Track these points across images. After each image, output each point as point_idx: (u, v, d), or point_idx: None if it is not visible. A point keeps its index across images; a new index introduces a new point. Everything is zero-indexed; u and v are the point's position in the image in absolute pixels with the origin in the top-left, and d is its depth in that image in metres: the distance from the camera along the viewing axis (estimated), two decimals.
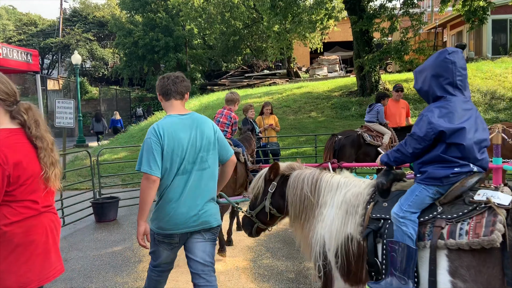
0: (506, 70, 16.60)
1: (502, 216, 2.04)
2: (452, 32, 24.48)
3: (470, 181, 2.26)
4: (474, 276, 2.04)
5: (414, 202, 2.30)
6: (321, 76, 25.84)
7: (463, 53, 2.45)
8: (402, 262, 2.25)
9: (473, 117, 2.32)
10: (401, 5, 14.87)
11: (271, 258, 4.91)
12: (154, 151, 2.73)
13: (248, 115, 8.37)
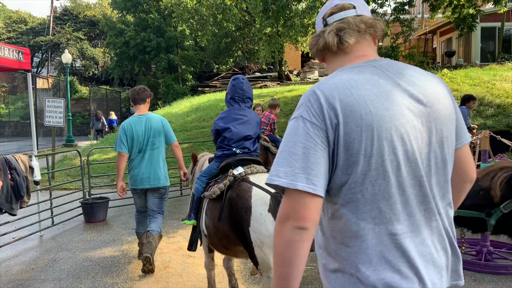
0: (494, 77, 16.87)
1: (227, 180, 3.16)
2: (442, 39, 24.83)
3: (233, 159, 3.37)
4: (210, 213, 3.30)
5: (206, 171, 3.61)
6: (312, 79, 25.98)
7: (245, 80, 3.68)
8: (192, 205, 3.64)
9: (243, 120, 3.52)
10: (392, 11, 15.02)
11: None
12: (122, 138, 4.70)
13: None
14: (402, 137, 1.18)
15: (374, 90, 1.20)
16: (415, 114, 1.21)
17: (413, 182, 1.20)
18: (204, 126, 15.45)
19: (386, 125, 1.16)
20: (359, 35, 1.36)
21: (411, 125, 1.20)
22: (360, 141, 1.15)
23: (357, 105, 1.17)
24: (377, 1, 15.28)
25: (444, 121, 1.26)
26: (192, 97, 23.88)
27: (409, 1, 14.73)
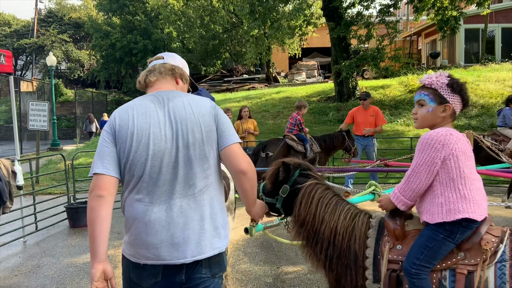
0: (478, 78, 17.15)
1: None
2: (426, 40, 25.17)
3: None
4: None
5: None
6: (300, 81, 26.10)
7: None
8: None
9: None
10: (378, 13, 15.19)
11: (248, 263, 4.91)
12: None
13: None
14: (154, 140, 1.80)
15: (142, 110, 1.85)
16: (166, 126, 1.83)
17: (158, 170, 1.81)
18: None
19: (143, 132, 1.80)
20: (160, 75, 2.02)
21: (162, 133, 1.82)
22: (125, 142, 1.81)
23: (126, 120, 1.83)
24: (363, 3, 15.43)
25: (192, 131, 1.84)
26: None
27: (393, 3, 14.91)
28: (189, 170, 1.83)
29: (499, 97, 15.27)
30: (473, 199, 2.08)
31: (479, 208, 2.09)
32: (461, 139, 2.12)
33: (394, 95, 16.84)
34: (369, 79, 22.55)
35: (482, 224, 2.12)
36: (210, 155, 1.89)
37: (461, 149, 2.09)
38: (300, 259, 4.86)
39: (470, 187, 2.09)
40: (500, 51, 22.04)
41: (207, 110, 1.92)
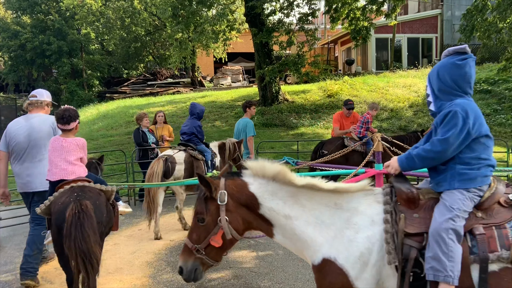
0: (388, 84, 18.60)
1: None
2: (342, 48, 26.72)
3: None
4: None
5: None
6: (225, 85, 26.24)
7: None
8: None
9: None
10: (297, 21, 15.81)
11: (171, 272, 4.82)
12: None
13: (142, 124, 8.24)
14: (19, 136, 4.59)
15: (20, 125, 4.64)
16: (24, 131, 4.58)
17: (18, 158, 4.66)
18: (113, 134, 14.74)
19: (17, 132, 4.61)
20: (34, 107, 4.77)
21: (22, 135, 4.57)
22: (7, 142, 4.63)
23: (12, 130, 4.62)
24: (283, 11, 15.96)
25: (38, 136, 4.61)
26: (99, 103, 22.64)
27: (312, 12, 15.62)
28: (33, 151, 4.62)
29: (406, 102, 16.72)
30: None
31: None
32: None
33: (314, 99, 17.63)
34: (291, 84, 23.37)
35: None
36: (42, 148, 4.55)
37: None
38: (224, 265, 4.89)
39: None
40: (407, 59, 24.13)
41: (46, 126, 4.65)
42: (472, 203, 2.22)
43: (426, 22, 24.57)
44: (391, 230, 2.17)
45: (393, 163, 2.41)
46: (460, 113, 2.24)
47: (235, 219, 2.37)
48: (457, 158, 2.29)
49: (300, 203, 2.35)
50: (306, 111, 16.55)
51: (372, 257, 2.18)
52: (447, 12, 24.48)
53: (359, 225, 2.25)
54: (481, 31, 13.41)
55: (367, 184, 2.39)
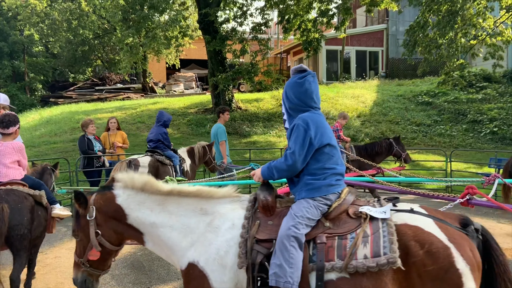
0: (338, 94, 19.19)
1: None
2: (295, 58, 27.29)
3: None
4: None
5: None
6: (178, 92, 25.86)
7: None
8: None
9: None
10: (251, 30, 15.95)
11: (116, 286, 4.61)
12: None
13: (88, 131, 7.88)
14: None
15: None
16: None
17: None
18: (56, 141, 14.00)
19: None
20: None
21: None
22: None
23: None
24: (237, 20, 16.05)
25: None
26: (42, 108, 21.46)
27: (265, 22, 15.83)
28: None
29: (354, 112, 17.31)
30: None
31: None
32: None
33: (267, 108, 17.81)
34: (245, 92, 23.49)
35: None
36: None
37: None
38: (172, 277, 4.75)
39: None
40: (355, 70, 25.07)
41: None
42: (318, 211, 2.27)
43: (373, 36, 25.70)
44: (245, 235, 2.25)
45: (257, 172, 2.50)
46: (301, 125, 2.34)
47: (106, 231, 2.45)
48: (305, 170, 2.38)
49: (167, 210, 2.44)
50: (259, 119, 16.67)
51: (230, 260, 2.23)
52: (392, 27, 25.77)
53: (220, 228, 2.33)
54: (423, 46, 14.21)
55: (233, 190, 2.50)
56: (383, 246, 2.07)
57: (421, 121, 16.42)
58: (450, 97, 18.09)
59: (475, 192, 3.22)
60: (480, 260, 2.13)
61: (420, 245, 2.06)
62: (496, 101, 17.35)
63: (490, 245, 2.19)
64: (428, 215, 2.20)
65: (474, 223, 2.23)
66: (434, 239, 2.08)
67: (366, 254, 2.08)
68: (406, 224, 2.14)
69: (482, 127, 15.59)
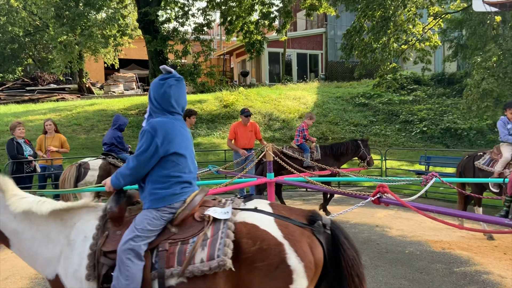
0: (280, 96, 19.54)
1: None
2: (238, 60, 27.42)
3: None
4: None
5: None
6: (117, 93, 24.94)
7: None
8: None
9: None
10: (193, 31, 15.80)
11: None
12: None
13: (16, 134, 7.40)
14: None
15: None
16: None
17: None
18: None
19: None
20: None
21: None
22: None
23: None
24: (178, 20, 15.83)
25: None
26: None
27: (207, 23, 15.77)
28: None
29: (296, 113, 17.74)
30: None
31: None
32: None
33: (211, 109, 17.72)
34: (188, 93, 23.15)
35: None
36: None
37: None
38: None
39: None
40: (296, 73, 25.70)
41: None
42: (161, 221, 2.26)
43: (313, 40, 26.52)
44: (93, 248, 2.25)
45: (107, 181, 2.45)
46: (148, 131, 2.30)
47: None
48: (150, 177, 2.35)
49: (29, 218, 2.40)
50: (203, 121, 16.54)
51: (82, 273, 2.23)
52: (331, 31, 26.76)
53: (75, 241, 2.31)
54: (359, 50, 14.91)
55: (90, 201, 2.51)
56: (217, 249, 2.09)
57: (358, 121, 17.19)
58: (384, 98, 19.11)
59: (386, 190, 3.40)
60: (321, 257, 2.15)
61: (252, 242, 2.08)
62: (425, 103, 18.60)
63: (338, 239, 2.20)
64: (270, 213, 2.22)
65: (322, 218, 2.25)
66: (267, 236, 2.10)
67: (203, 258, 2.10)
68: (244, 222, 2.17)
69: (413, 127, 16.65)
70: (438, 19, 15.19)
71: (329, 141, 15.37)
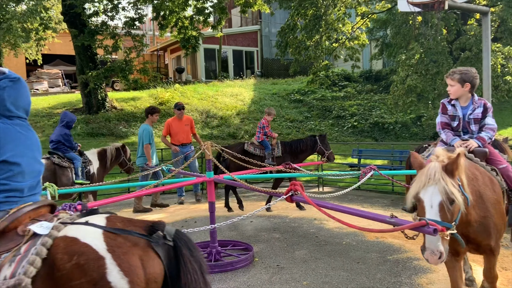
0: (217, 93, 19.42)
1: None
2: (172, 56, 26.80)
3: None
4: None
5: None
6: (41, 90, 23.26)
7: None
8: None
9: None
10: (123, 25, 15.12)
11: None
12: None
13: None
14: None
15: None
16: None
17: None
18: None
19: None
20: None
21: None
22: None
23: None
24: (107, 13, 15.06)
25: None
26: None
27: (139, 18, 15.16)
28: None
29: (234, 110, 17.74)
30: None
31: None
32: None
33: (145, 107, 17.10)
34: (120, 90, 22.22)
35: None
36: None
37: None
38: None
39: None
40: (233, 69, 25.71)
41: None
42: None
43: (248, 37, 26.67)
44: None
45: None
46: None
47: None
48: None
49: None
50: (137, 119, 15.95)
51: None
52: (265, 29, 27.09)
53: None
54: (293, 47, 15.23)
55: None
56: (21, 266, 1.92)
57: (294, 117, 17.60)
58: (318, 95, 19.76)
59: (297, 188, 3.45)
60: (158, 271, 1.97)
61: (68, 257, 1.90)
62: (355, 98, 19.52)
63: (180, 251, 2.05)
64: (100, 226, 2.03)
65: (165, 229, 2.07)
66: (86, 249, 1.91)
67: (7, 275, 1.92)
68: (64, 236, 1.99)
69: (345, 121, 17.40)
70: (365, 18, 15.98)
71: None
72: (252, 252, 5.08)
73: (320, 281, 4.26)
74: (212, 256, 4.96)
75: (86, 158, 6.92)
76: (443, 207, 2.46)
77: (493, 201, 2.94)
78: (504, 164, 3.32)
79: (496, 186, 3.06)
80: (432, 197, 2.48)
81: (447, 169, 2.52)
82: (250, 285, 4.28)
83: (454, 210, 2.50)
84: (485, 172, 3.10)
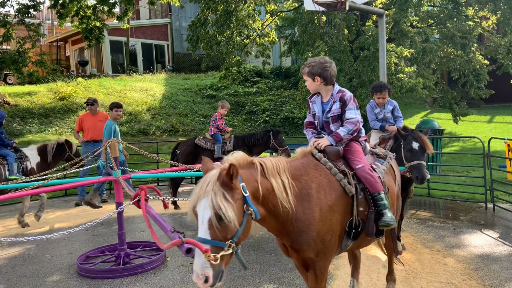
0: (125, 87, 18.50)
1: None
2: (74, 47, 24.89)
3: None
4: None
5: None
6: None
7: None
8: None
9: None
10: (16, 13, 13.65)
11: None
12: None
13: None
14: None
15: None
16: None
17: None
18: None
19: None
20: None
21: None
22: None
23: None
24: None
25: None
26: None
27: (34, 5, 13.80)
28: None
29: (144, 105, 17.06)
30: None
31: None
32: None
33: (44, 102, 15.71)
34: (14, 84, 20.06)
35: None
36: None
37: None
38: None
39: None
40: (142, 63, 24.67)
41: None
42: None
43: (158, 30, 25.79)
44: None
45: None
46: None
47: None
48: None
49: None
50: (34, 115, 14.57)
51: None
52: (176, 22, 26.43)
53: None
54: (205, 42, 15.05)
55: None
56: None
57: (208, 113, 17.49)
58: (231, 90, 19.86)
59: (145, 193, 3.35)
60: None
61: None
62: (267, 94, 20.00)
63: None
64: None
65: None
66: None
67: None
68: None
69: (257, 117, 17.74)
70: (274, 16, 16.39)
71: (179, 133, 15.26)
72: (164, 252, 4.93)
73: (234, 276, 4.27)
74: (120, 260, 4.71)
75: (21, 154, 6.86)
76: (212, 224, 2.05)
77: (324, 207, 2.52)
78: (361, 164, 2.84)
79: (334, 191, 2.61)
80: (204, 211, 2.08)
81: (222, 180, 2.10)
82: (162, 286, 4.14)
83: (227, 227, 2.07)
84: (325, 175, 2.64)
